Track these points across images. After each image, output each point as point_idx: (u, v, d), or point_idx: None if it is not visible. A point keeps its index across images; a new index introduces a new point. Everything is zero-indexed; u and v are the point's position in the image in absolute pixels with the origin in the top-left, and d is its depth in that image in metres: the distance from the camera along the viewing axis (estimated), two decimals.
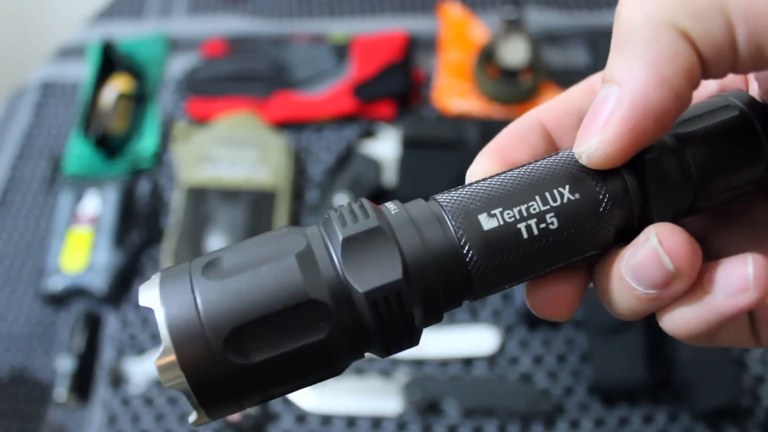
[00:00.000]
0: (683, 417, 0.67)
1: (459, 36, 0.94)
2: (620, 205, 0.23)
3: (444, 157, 0.80)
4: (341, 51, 0.94)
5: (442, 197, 0.23)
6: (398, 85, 0.89)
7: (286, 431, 0.69)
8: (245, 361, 0.21)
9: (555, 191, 0.23)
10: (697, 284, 0.22)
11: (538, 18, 0.96)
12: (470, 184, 0.24)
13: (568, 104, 0.26)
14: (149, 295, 0.21)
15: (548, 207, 0.22)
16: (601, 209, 0.23)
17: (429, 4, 1.00)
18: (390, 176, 0.81)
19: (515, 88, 0.86)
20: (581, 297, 0.25)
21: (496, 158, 0.25)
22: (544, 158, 0.24)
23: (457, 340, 0.73)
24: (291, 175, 0.84)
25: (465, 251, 0.22)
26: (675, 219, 0.23)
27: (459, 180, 0.25)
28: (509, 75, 0.87)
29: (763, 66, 0.20)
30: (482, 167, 0.25)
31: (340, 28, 0.99)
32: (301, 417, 0.70)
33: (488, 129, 0.83)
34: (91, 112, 0.89)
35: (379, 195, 0.80)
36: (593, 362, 0.68)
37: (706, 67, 0.20)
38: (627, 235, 0.23)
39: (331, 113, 0.89)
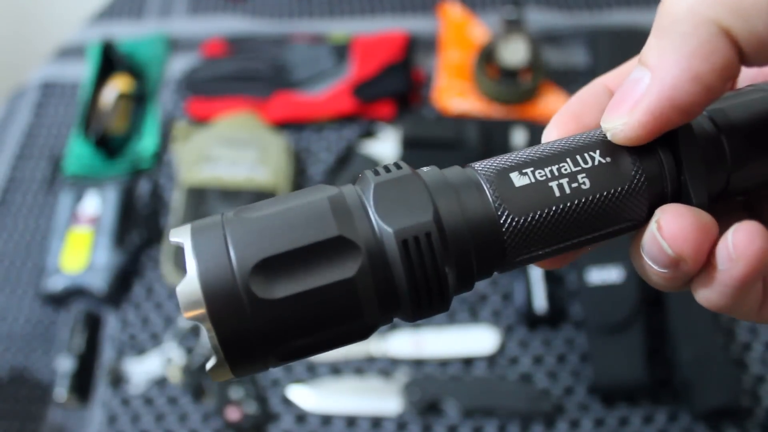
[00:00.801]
0: (683, 417, 0.67)
1: (459, 36, 0.94)
2: (653, 175, 0.23)
3: (444, 157, 0.80)
4: (341, 51, 0.94)
5: (475, 163, 0.24)
6: (398, 85, 0.89)
7: (286, 431, 0.69)
8: (270, 296, 0.20)
9: (586, 155, 0.23)
10: (709, 260, 0.22)
11: (538, 18, 0.96)
12: (503, 155, 0.24)
13: None
14: (180, 231, 0.21)
15: (579, 168, 0.22)
16: (633, 173, 0.23)
17: (429, 4, 1.00)
18: None
19: (515, 88, 0.86)
20: None
21: (572, 122, 0.26)
22: (579, 133, 0.24)
23: (457, 340, 0.73)
24: (291, 175, 0.84)
25: (496, 205, 0.22)
26: (711, 198, 0.23)
27: None
28: (509, 75, 0.87)
29: None
30: (558, 131, 0.26)
31: (340, 28, 0.99)
32: (301, 417, 0.70)
33: (488, 129, 0.83)
34: (91, 112, 0.89)
35: None
36: (593, 362, 0.68)
37: (746, 60, 0.20)
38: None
39: (331, 113, 0.89)
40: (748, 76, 0.27)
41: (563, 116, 0.26)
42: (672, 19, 0.21)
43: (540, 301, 0.72)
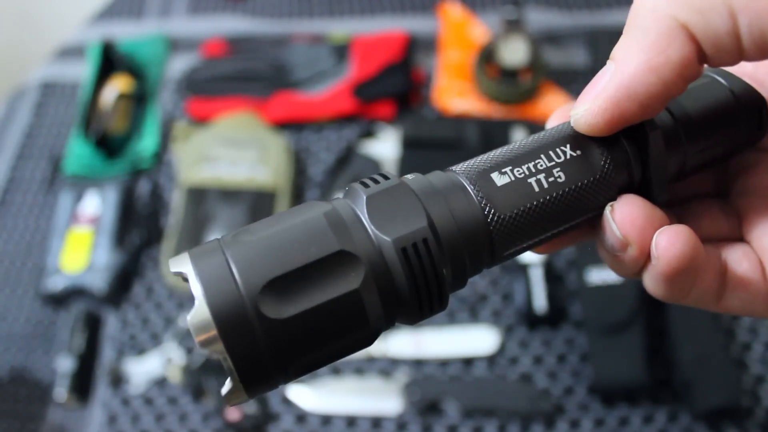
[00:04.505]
0: (683, 417, 0.67)
1: (459, 36, 0.94)
2: (620, 166, 0.25)
3: (444, 157, 0.80)
4: (341, 51, 0.94)
5: (455, 167, 0.25)
6: (398, 85, 0.89)
7: (286, 431, 0.69)
8: (279, 315, 0.20)
9: (558, 149, 0.24)
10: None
11: (538, 18, 0.96)
12: (479, 156, 0.25)
13: None
14: (180, 261, 0.21)
15: (554, 163, 0.24)
16: (602, 164, 0.24)
17: (429, 4, 1.00)
18: None
19: (515, 88, 0.86)
20: None
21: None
22: (550, 128, 0.26)
23: (457, 340, 0.73)
24: (291, 175, 0.84)
25: (482, 205, 0.23)
26: (671, 180, 0.25)
27: None
28: (509, 75, 0.87)
29: None
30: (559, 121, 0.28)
31: (340, 28, 0.99)
32: (301, 417, 0.70)
33: (488, 129, 0.83)
34: (91, 112, 0.89)
35: None
36: (593, 362, 0.68)
37: (707, 57, 0.22)
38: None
39: (331, 113, 0.89)
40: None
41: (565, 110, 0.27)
42: (635, 17, 0.22)
43: (540, 301, 0.72)
